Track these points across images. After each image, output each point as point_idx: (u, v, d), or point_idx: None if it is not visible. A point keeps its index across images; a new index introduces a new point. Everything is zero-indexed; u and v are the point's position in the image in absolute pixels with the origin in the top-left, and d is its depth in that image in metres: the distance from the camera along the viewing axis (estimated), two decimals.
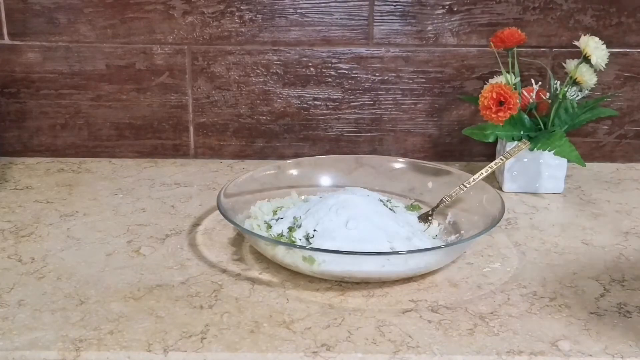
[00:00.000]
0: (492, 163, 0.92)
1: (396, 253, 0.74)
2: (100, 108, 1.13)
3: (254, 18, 1.09)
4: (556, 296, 0.74)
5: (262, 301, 0.72)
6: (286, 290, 0.74)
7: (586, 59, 0.96)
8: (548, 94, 1.02)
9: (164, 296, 0.73)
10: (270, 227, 0.82)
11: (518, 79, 0.99)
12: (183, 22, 1.09)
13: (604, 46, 0.96)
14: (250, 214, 0.86)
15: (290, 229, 0.80)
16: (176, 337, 0.66)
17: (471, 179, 0.89)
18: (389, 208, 0.85)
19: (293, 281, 0.76)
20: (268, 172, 0.95)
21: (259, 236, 0.77)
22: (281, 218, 0.83)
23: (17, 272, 0.78)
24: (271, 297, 0.73)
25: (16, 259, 0.81)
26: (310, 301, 0.72)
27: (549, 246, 0.86)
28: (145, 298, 0.72)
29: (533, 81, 1.03)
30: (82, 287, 0.74)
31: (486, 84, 0.99)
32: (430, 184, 0.94)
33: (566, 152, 0.96)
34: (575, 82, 0.98)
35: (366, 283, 0.76)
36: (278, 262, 0.77)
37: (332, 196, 0.83)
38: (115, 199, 0.98)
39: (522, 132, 0.99)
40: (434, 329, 0.68)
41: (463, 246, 0.81)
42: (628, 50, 1.10)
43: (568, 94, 0.98)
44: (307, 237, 0.78)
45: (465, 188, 0.89)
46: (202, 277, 0.77)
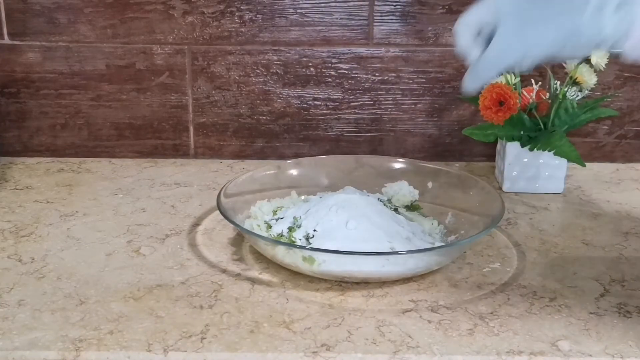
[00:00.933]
0: None
1: (396, 253, 0.74)
2: (100, 108, 1.13)
3: (254, 18, 1.09)
4: (556, 296, 0.74)
5: (262, 301, 0.72)
6: (286, 290, 0.74)
7: (586, 59, 0.96)
8: (548, 94, 1.01)
9: (164, 296, 0.73)
10: (270, 227, 0.82)
11: (518, 79, 0.99)
12: (183, 22, 1.09)
13: None
14: (250, 214, 0.86)
15: (290, 229, 0.80)
16: (176, 337, 0.66)
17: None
18: (389, 208, 0.85)
19: (293, 281, 0.76)
20: (268, 172, 0.95)
21: (259, 236, 0.77)
22: (281, 218, 0.83)
23: (17, 272, 0.77)
24: (271, 297, 0.73)
25: (16, 259, 0.81)
26: (310, 301, 0.72)
27: (549, 246, 0.86)
28: (145, 298, 0.72)
29: (533, 81, 1.03)
30: (82, 287, 0.74)
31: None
32: (430, 184, 0.94)
33: (566, 152, 0.96)
34: (575, 82, 0.98)
35: (366, 283, 0.76)
36: (278, 262, 0.77)
37: (332, 196, 0.83)
38: (115, 199, 0.98)
39: (522, 132, 0.99)
40: (434, 329, 0.68)
41: (463, 246, 0.81)
42: None
43: (568, 94, 0.98)
44: (307, 237, 0.78)
45: None
46: (202, 277, 0.77)
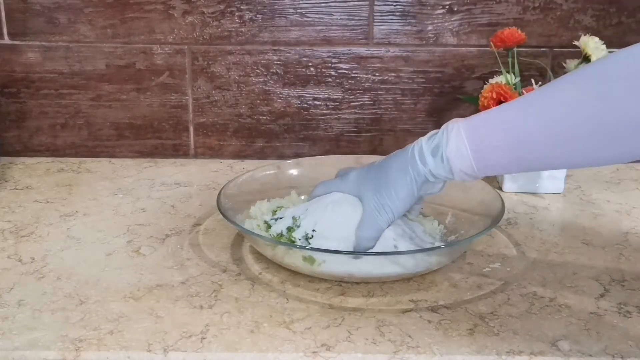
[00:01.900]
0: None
1: (396, 253, 0.74)
2: (100, 108, 1.13)
3: (254, 18, 1.09)
4: (556, 296, 0.74)
5: (262, 301, 0.72)
6: (286, 290, 0.74)
7: (586, 59, 0.97)
8: None
9: (164, 296, 0.73)
10: (269, 227, 0.82)
11: (518, 79, 0.99)
12: (183, 22, 1.09)
13: (604, 46, 0.97)
14: (250, 214, 0.86)
15: (289, 229, 0.80)
16: (176, 337, 0.65)
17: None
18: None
19: (293, 281, 0.76)
20: (268, 172, 0.95)
21: (259, 236, 0.77)
22: (280, 218, 0.83)
23: (17, 272, 0.77)
24: (271, 297, 0.73)
25: (16, 259, 0.81)
26: (310, 301, 0.72)
27: (549, 246, 0.86)
28: (145, 298, 0.72)
29: (533, 81, 1.03)
30: (82, 287, 0.74)
31: (486, 84, 0.99)
32: None
33: None
34: None
35: (366, 283, 0.76)
36: (278, 262, 0.77)
37: (329, 195, 0.83)
38: (115, 199, 0.98)
39: None
40: (434, 329, 0.68)
41: (463, 246, 0.80)
42: None
43: None
44: (307, 237, 0.78)
45: None
46: (202, 277, 0.77)
